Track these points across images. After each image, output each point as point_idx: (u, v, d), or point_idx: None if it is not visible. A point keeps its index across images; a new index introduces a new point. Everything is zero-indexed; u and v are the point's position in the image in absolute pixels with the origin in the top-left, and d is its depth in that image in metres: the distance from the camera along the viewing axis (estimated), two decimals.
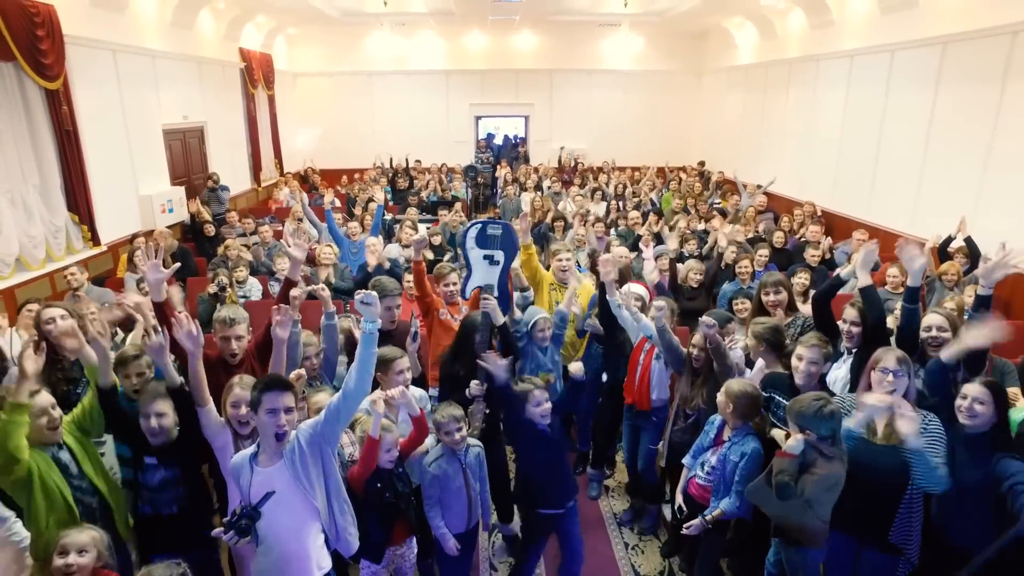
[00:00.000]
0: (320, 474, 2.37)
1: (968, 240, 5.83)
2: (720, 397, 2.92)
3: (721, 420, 3.01)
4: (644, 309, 3.85)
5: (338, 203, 10.36)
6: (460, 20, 12.79)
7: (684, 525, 2.99)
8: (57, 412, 2.58)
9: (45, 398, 2.55)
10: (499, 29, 13.89)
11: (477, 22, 13.28)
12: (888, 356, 2.59)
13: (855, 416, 2.62)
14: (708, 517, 2.90)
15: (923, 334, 3.00)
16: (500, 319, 3.28)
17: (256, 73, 11.51)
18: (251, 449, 2.35)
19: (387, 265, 5.69)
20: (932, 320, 3.03)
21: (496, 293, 3.27)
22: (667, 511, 3.87)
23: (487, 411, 3.19)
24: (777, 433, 2.89)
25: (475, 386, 3.16)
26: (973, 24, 6.31)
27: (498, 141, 15.75)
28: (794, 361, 2.95)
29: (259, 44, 12.03)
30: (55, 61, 6.10)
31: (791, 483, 2.48)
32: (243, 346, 3.11)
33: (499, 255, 3.31)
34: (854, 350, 3.21)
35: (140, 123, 7.97)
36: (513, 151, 15.04)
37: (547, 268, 5.24)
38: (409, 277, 4.98)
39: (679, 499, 3.12)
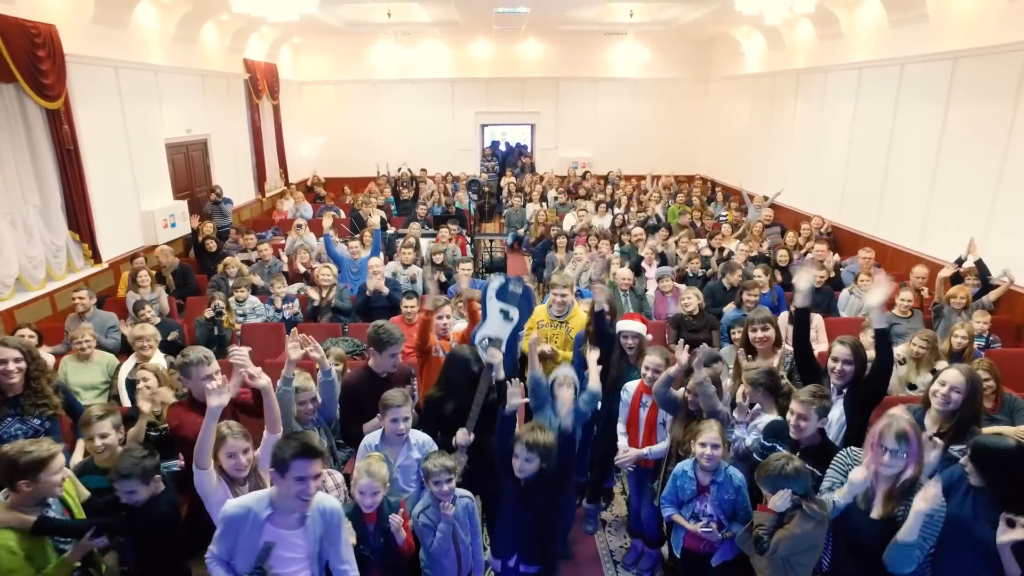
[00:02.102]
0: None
1: (979, 262, 5.71)
2: (715, 441, 2.84)
3: (693, 467, 2.97)
4: (642, 345, 3.76)
5: (342, 213, 10.33)
6: (464, 29, 12.74)
7: (701, 528, 2.91)
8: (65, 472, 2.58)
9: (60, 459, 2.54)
10: (505, 37, 13.83)
11: (482, 30, 13.22)
12: (888, 433, 2.38)
13: (844, 489, 2.52)
14: (727, 533, 2.88)
15: (936, 387, 2.84)
16: (502, 374, 3.22)
17: (261, 83, 11.51)
18: (254, 503, 2.28)
19: (386, 291, 5.66)
20: (949, 377, 2.82)
21: (504, 349, 3.20)
22: (666, 551, 3.78)
23: (467, 464, 3.12)
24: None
25: (462, 435, 3.08)
26: (985, 40, 6.17)
27: (504, 148, 15.70)
28: (789, 416, 2.86)
29: (264, 54, 12.04)
30: (56, 81, 6.10)
31: (765, 537, 2.50)
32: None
33: (514, 312, 3.25)
34: (844, 389, 3.12)
35: (142, 138, 7.96)
36: (517, 159, 14.97)
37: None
38: (407, 302, 4.97)
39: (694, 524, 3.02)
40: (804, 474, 2.50)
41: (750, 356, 3.81)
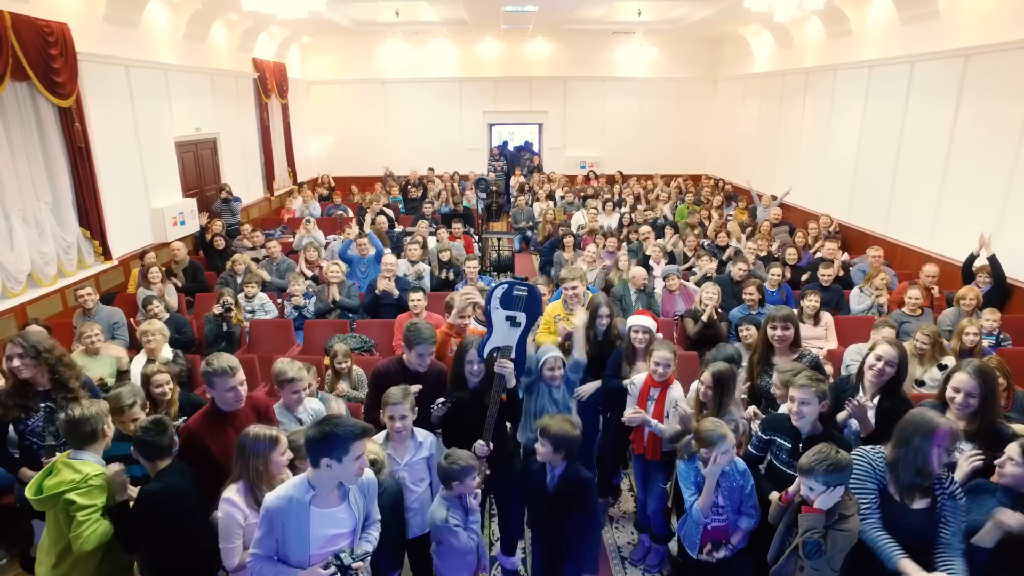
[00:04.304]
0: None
1: (992, 259, 5.65)
2: (726, 436, 2.81)
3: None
4: (651, 340, 3.76)
5: (350, 212, 10.41)
6: (473, 28, 12.75)
7: (707, 552, 2.91)
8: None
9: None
10: (512, 37, 13.84)
11: (490, 30, 13.23)
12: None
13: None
14: (735, 540, 2.90)
15: (951, 393, 2.84)
16: (512, 382, 3.22)
17: (269, 82, 11.57)
18: (293, 490, 2.30)
19: (395, 293, 5.68)
20: (960, 383, 2.80)
21: (513, 355, 3.19)
22: (674, 547, 3.77)
23: (488, 472, 3.13)
24: (773, 496, 2.78)
25: (480, 447, 3.08)
26: (996, 37, 6.12)
27: (511, 148, 15.68)
28: (789, 404, 2.82)
29: (272, 54, 12.10)
30: (68, 79, 6.15)
31: (822, 541, 2.42)
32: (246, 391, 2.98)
33: (521, 317, 3.18)
34: (876, 397, 3.05)
35: (152, 137, 8.02)
36: (524, 158, 14.95)
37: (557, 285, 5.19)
38: (414, 295, 5.00)
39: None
40: (848, 463, 2.46)
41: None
